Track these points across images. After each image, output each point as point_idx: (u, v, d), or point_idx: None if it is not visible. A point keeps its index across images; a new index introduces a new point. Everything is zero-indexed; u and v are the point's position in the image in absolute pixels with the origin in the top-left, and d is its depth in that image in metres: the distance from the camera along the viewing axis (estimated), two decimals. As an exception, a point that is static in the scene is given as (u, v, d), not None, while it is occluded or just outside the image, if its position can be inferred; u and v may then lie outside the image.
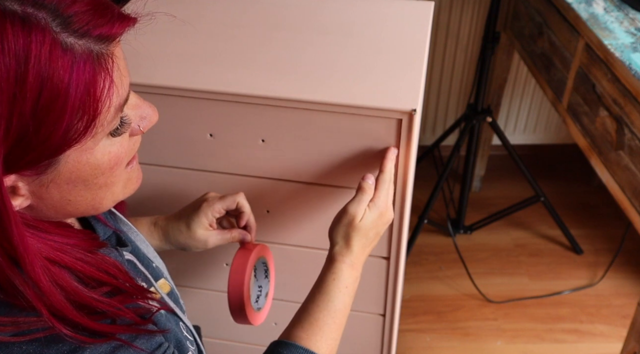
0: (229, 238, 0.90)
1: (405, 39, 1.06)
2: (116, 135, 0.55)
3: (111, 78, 0.50)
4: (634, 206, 1.17)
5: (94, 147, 0.52)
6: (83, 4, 0.48)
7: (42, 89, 0.46)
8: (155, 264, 0.77)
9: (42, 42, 0.45)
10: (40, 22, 0.46)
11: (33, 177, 0.51)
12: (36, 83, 0.45)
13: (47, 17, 0.46)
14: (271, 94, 0.91)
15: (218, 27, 1.09)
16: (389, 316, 1.15)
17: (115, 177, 0.57)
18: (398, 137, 0.91)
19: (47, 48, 0.45)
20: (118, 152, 0.55)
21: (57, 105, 0.47)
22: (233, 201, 0.88)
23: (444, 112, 2.36)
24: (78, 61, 0.47)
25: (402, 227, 1.01)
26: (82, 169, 0.53)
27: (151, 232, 0.90)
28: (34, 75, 0.45)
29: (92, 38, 0.48)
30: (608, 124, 1.23)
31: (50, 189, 0.53)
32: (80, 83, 0.47)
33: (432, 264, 2.05)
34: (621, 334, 1.83)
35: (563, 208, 2.22)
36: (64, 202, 0.55)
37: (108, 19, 0.50)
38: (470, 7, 2.09)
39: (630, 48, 1.20)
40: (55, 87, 0.46)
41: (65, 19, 0.47)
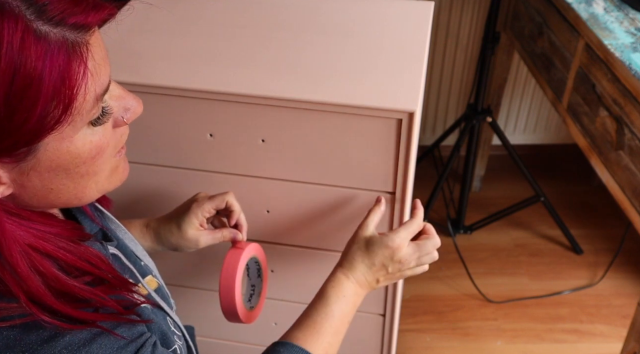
0: (220, 237, 0.90)
1: (405, 39, 1.06)
2: (97, 124, 0.55)
3: (85, 65, 0.50)
4: (634, 206, 1.17)
5: (74, 136, 0.53)
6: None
7: (14, 75, 0.46)
8: (144, 262, 0.78)
9: (14, 29, 0.46)
10: (13, 9, 0.46)
11: (12, 164, 0.51)
12: (8, 70, 0.46)
13: (21, 5, 0.46)
14: (271, 94, 0.91)
15: (218, 27, 1.09)
16: (389, 316, 1.15)
17: (97, 167, 0.57)
18: (398, 137, 0.91)
19: (19, 35, 0.46)
20: (100, 142, 0.56)
21: (31, 92, 0.47)
22: (222, 200, 0.89)
23: (444, 112, 2.36)
24: (52, 49, 0.48)
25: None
26: (62, 157, 0.53)
27: (143, 234, 0.90)
28: (6, 62, 0.46)
29: (67, 26, 0.49)
30: (608, 124, 1.23)
31: (31, 177, 0.53)
32: (54, 70, 0.48)
33: (432, 264, 2.04)
34: (621, 334, 1.83)
35: (563, 208, 2.22)
36: (45, 191, 0.55)
37: (83, 7, 0.50)
38: (470, 7, 2.09)
39: (630, 48, 1.20)
40: (28, 74, 0.47)
41: (39, 7, 0.47)
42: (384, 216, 1.01)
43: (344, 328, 0.81)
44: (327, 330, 0.78)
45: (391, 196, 0.98)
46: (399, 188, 0.97)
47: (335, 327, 0.79)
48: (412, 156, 0.94)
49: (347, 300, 0.81)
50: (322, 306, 0.80)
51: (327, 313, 0.79)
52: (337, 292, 0.81)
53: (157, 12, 1.13)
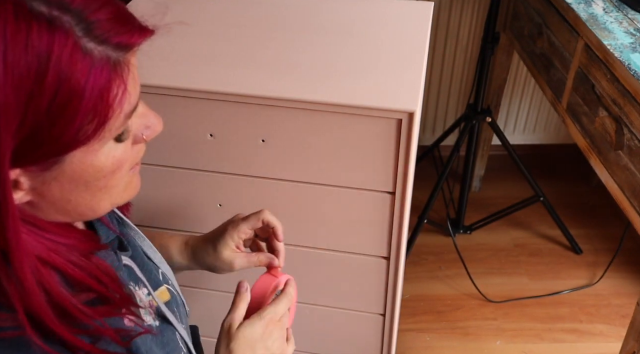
0: (255, 261, 0.87)
1: (405, 39, 1.06)
2: (120, 141, 0.56)
3: (125, 86, 0.52)
4: (633, 206, 1.17)
5: (99, 150, 0.54)
6: (107, 12, 0.50)
7: (59, 88, 0.47)
8: (161, 270, 0.77)
9: (64, 44, 0.47)
10: (64, 25, 0.47)
11: (37, 173, 0.52)
12: (54, 82, 0.47)
13: (72, 21, 0.48)
14: (271, 94, 0.91)
15: (218, 27, 1.09)
16: (389, 316, 1.15)
17: (115, 181, 0.58)
18: (398, 137, 0.91)
19: (68, 50, 0.47)
20: (121, 157, 0.56)
21: (72, 105, 0.48)
22: (257, 219, 0.85)
23: (444, 112, 2.36)
24: (96, 66, 0.49)
25: (402, 227, 1.02)
26: (85, 170, 0.54)
27: (181, 251, 0.89)
28: (53, 75, 0.47)
29: (111, 45, 0.50)
30: (607, 124, 1.23)
31: (51, 187, 0.53)
32: (96, 87, 0.49)
33: (431, 264, 2.05)
34: (620, 333, 1.83)
35: (562, 208, 2.22)
36: (63, 202, 0.56)
37: (129, 28, 0.52)
38: (470, 7, 2.09)
39: (630, 48, 1.20)
40: (72, 88, 0.48)
41: (88, 24, 0.48)
42: (384, 216, 1.01)
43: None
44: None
45: (391, 195, 0.99)
46: (399, 188, 0.97)
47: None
48: (412, 156, 0.94)
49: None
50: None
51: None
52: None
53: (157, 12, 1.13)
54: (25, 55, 0.46)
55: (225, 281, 1.18)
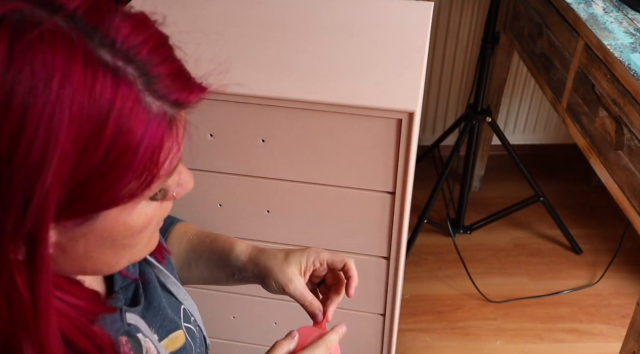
0: (308, 302, 0.79)
1: (405, 39, 1.06)
2: (154, 199, 0.53)
3: (178, 145, 0.49)
4: (633, 206, 1.17)
5: (134, 208, 0.51)
6: (168, 67, 0.48)
7: (115, 141, 0.44)
8: (184, 306, 0.74)
9: (127, 97, 0.44)
10: (128, 76, 0.45)
11: (68, 228, 0.48)
12: (112, 135, 0.44)
13: (135, 73, 0.45)
14: (271, 94, 0.91)
15: (218, 27, 1.09)
16: (389, 316, 1.15)
17: (140, 239, 0.55)
18: (398, 137, 0.91)
19: (129, 104, 0.45)
20: (151, 216, 0.54)
21: (124, 161, 0.45)
22: (341, 260, 0.80)
23: (444, 112, 2.36)
24: (153, 121, 0.46)
25: (402, 227, 1.02)
26: (116, 228, 0.51)
27: (246, 247, 0.84)
28: (112, 127, 0.44)
29: (169, 101, 0.48)
30: (607, 124, 1.23)
31: (78, 243, 0.50)
32: (150, 144, 0.46)
33: (431, 264, 2.05)
34: (620, 333, 1.83)
35: (562, 208, 2.22)
36: (85, 258, 0.52)
37: (188, 85, 0.50)
38: (470, 7, 2.09)
39: (630, 48, 1.20)
40: (128, 142, 0.45)
41: (150, 78, 0.46)
42: (384, 216, 1.01)
43: None
44: None
45: (391, 195, 0.99)
46: (398, 188, 0.97)
47: None
48: (412, 156, 0.94)
49: None
50: None
51: None
52: None
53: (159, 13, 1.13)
54: (89, 104, 0.43)
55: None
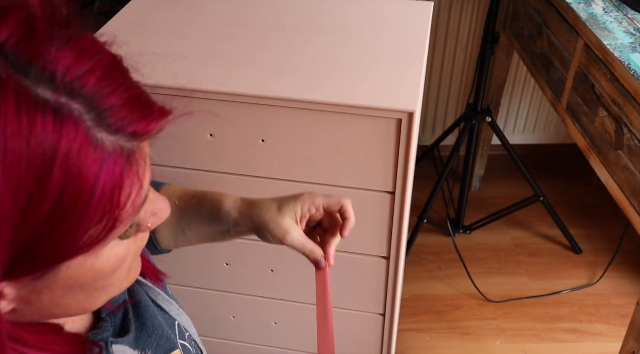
0: (309, 250, 0.76)
1: (405, 39, 1.06)
2: (125, 238, 0.48)
3: (141, 183, 0.44)
4: (633, 206, 1.17)
5: (101, 252, 0.46)
6: (121, 96, 0.42)
7: (63, 192, 0.39)
8: (178, 322, 0.72)
9: (73, 139, 0.39)
10: (73, 113, 0.39)
11: (27, 283, 0.43)
12: (59, 186, 0.39)
13: (82, 108, 0.40)
14: (271, 94, 0.91)
15: (218, 28, 1.09)
16: (389, 316, 1.15)
17: (115, 279, 0.50)
18: (398, 137, 0.91)
19: (77, 146, 0.39)
20: (124, 255, 0.49)
21: (77, 211, 0.40)
22: (338, 203, 0.76)
23: (444, 112, 2.36)
24: (108, 161, 0.41)
25: (402, 227, 1.02)
26: (83, 275, 0.46)
27: (235, 202, 0.78)
28: (58, 177, 0.39)
29: (126, 135, 0.42)
30: (607, 124, 1.23)
31: (42, 294, 0.45)
32: (107, 186, 0.41)
33: (431, 264, 2.05)
34: (620, 333, 1.83)
35: (562, 208, 2.22)
36: (53, 307, 0.48)
37: (146, 113, 0.44)
38: (470, 7, 2.09)
39: (630, 48, 1.20)
40: (78, 190, 0.40)
41: (100, 112, 0.40)
42: (384, 216, 1.01)
43: None
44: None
45: (391, 195, 0.99)
46: (398, 188, 0.97)
47: None
48: (412, 156, 0.94)
49: None
50: None
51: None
52: None
53: (157, 13, 1.13)
54: (27, 152, 0.37)
55: (224, 281, 1.18)
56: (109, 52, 0.44)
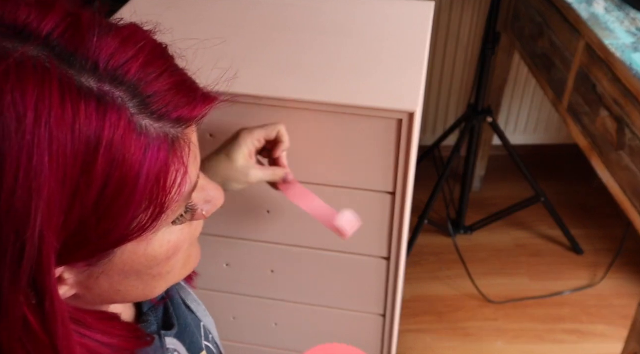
0: (270, 174, 0.83)
1: (405, 39, 1.06)
2: (178, 223, 0.48)
3: (185, 168, 0.44)
4: (634, 206, 1.17)
5: (153, 238, 0.46)
6: (165, 81, 0.42)
7: (108, 178, 0.39)
8: (203, 322, 0.72)
9: (116, 126, 0.39)
10: (116, 101, 0.39)
11: (83, 268, 0.45)
12: (104, 172, 0.39)
13: (125, 95, 0.40)
14: (271, 94, 0.91)
15: (217, 28, 1.09)
16: (389, 316, 1.15)
17: (170, 266, 0.50)
18: (398, 137, 0.91)
19: (120, 132, 0.39)
20: (177, 241, 0.49)
21: (123, 197, 0.41)
22: (273, 129, 0.82)
23: (444, 112, 2.35)
24: (152, 147, 0.41)
25: (402, 227, 1.01)
26: (137, 261, 0.47)
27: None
28: (103, 164, 0.39)
29: (170, 121, 0.42)
30: (608, 124, 1.23)
31: (99, 280, 0.47)
32: (152, 172, 0.41)
33: (432, 264, 2.05)
34: (622, 334, 1.83)
35: (563, 208, 2.22)
36: (112, 292, 0.49)
37: (190, 99, 0.44)
38: (470, 7, 2.09)
39: (631, 48, 1.19)
40: (123, 176, 0.40)
41: (143, 98, 0.41)
42: (384, 216, 1.01)
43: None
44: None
45: (391, 195, 0.98)
46: (399, 188, 0.97)
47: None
48: (412, 156, 0.94)
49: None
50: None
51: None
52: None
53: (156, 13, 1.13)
54: (72, 141, 0.38)
55: (224, 281, 1.18)
56: (152, 39, 0.45)
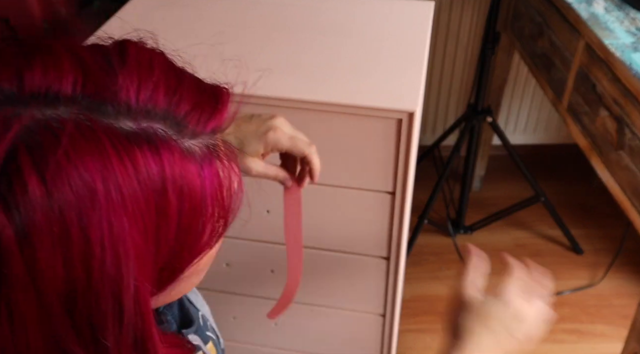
0: (273, 175, 0.77)
1: (405, 39, 1.06)
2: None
3: (233, 169, 0.44)
4: (634, 206, 1.17)
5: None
6: (189, 99, 0.42)
7: (181, 211, 0.40)
8: (201, 312, 0.73)
9: (172, 160, 0.39)
10: (159, 135, 0.39)
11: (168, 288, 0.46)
12: (177, 208, 0.40)
13: (163, 126, 0.39)
14: (271, 94, 0.91)
15: (217, 28, 1.08)
16: (389, 316, 1.15)
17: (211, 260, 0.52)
18: (398, 137, 0.91)
19: (178, 165, 0.39)
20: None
21: (197, 220, 0.41)
22: (300, 151, 0.74)
23: (444, 112, 2.35)
24: (204, 166, 0.41)
25: (402, 227, 1.01)
26: (204, 263, 0.48)
27: None
28: (174, 201, 0.39)
29: (206, 134, 0.42)
30: (608, 124, 1.23)
31: (173, 290, 0.48)
32: (212, 188, 0.42)
33: (432, 264, 2.05)
34: (622, 334, 1.82)
35: (563, 208, 2.22)
36: (174, 293, 0.50)
37: (215, 107, 0.44)
38: (470, 7, 2.09)
39: (631, 48, 1.19)
40: (192, 204, 0.41)
41: (178, 122, 0.40)
42: (384, 216, 1.01)
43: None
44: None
45: (391, 195, 0.98)
46: (399, 188, 0.97)
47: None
48: (412, 156, 0.94)
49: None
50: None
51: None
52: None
53: (156, 13, 1.13)
54: (142, 192, 0.38)
55: (224, 281, 1.18)
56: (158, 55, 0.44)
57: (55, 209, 0.35)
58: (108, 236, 0.37)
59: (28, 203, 0.35)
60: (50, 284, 0.36)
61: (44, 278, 0.36)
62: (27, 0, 0.92)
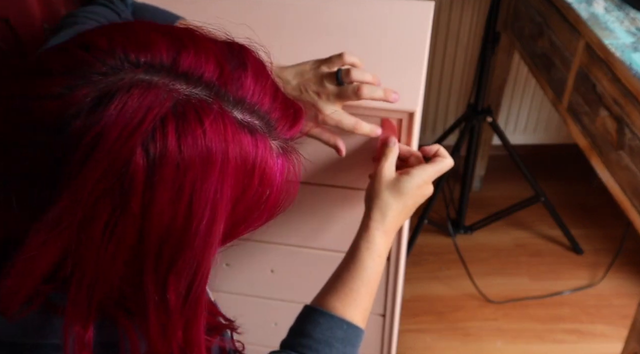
0: (326, 138, 0.87)
1: (405, 39, 1.05)
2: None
3: (297, 178, 0.55)
4: (634, 206, 1.17)
5: None
6: (279, 109, 0.52)
7: (257, 191, 0.51)
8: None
9: (264, 149, 0.50)
10: (258, 130, 0.50)
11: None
12: (255, 187, 0.50)
13: (261, 124, 0.50)
14: (271, 94, 0.90)
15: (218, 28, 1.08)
16: (389, 316, 1.15)
17: None
18: (398, 137, 0.91)
19: (266, 156, 0.50)
20: None
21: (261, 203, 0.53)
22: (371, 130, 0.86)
23: (444, 112, 2.35)
24: (279, 161, 0.52)
25: (402, 227, 1.01)
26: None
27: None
28: (256, 181, 0.50)
29: (285, 139, 0.53)
30: (608, 124, 1.23)
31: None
32: (280, 183, 0.53)
33: (432, 264, 2.05)
34: (622, 334, 1.83)
35: (563, 208, 2.22)
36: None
37: (295, 119, 0.54)
38: (470, 7, 2.09)
39: (631, 48, 1.19)
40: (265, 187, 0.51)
41: (271, 124, 0.51)
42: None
43: (377, 287, 0.80)
44: (364, 297, 0.76)
45: (391, 196, 0.98)
46: (399, 188, 0.96)
47: (370, 291, 0.77)
48: (412, 156, 0.94)
49: (381, 260, 0.79)
50: (357, 271, 0.77)
51: (363, 278, 0.77)
52: (372, 254, 0.78)
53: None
54: (238, 168, 0.48)
55: (224, 281, 1.18)
56: (266, 66, 0.54)
57: (182, 167, 0.45)
58: (211, 201, 0.46)
59: (163, 157, 0.44)
60: (155, 226, 0.45)
61: (152, 220, 0.45)
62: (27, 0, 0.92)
